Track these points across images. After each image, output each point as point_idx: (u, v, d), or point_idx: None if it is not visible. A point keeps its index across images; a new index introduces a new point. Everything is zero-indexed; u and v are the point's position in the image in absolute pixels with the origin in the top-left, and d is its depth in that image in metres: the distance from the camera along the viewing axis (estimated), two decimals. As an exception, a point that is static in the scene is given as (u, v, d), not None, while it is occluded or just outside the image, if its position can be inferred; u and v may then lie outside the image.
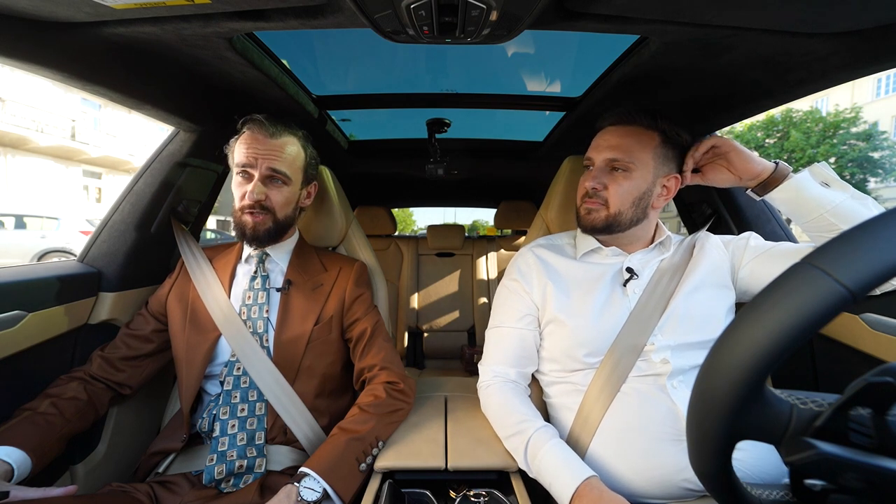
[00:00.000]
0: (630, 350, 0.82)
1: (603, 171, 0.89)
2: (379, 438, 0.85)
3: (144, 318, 1.01)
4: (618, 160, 0.87)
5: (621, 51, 0.97)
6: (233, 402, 0.90)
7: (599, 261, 0.95)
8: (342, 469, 0.78)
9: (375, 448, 0.83)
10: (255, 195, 0.91)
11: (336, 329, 1.00)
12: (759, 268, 0.88)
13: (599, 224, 0.89)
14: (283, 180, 0.95)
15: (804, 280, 0.31)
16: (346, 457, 0.80)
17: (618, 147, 0.88)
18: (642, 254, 0.93)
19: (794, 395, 0.36)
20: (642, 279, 0.90)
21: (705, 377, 0.35)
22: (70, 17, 0.67)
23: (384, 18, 0.68)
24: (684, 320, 0.84)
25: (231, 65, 0.91)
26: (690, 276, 0.88)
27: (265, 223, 0.94)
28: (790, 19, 0.67)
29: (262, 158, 0.91)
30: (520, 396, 0.89)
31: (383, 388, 0.92)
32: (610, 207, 0.88)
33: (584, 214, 0.91)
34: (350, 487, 0.78)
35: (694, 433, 0.37)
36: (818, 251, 0.32)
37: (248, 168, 0.92)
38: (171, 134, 1.14)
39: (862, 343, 0.84)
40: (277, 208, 0.95)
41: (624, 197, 0.87)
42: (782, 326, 0.31)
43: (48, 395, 0.85)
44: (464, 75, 1.31)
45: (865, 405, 0.33)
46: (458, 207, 12.54)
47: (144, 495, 0.80)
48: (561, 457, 0.74)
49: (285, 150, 0.95)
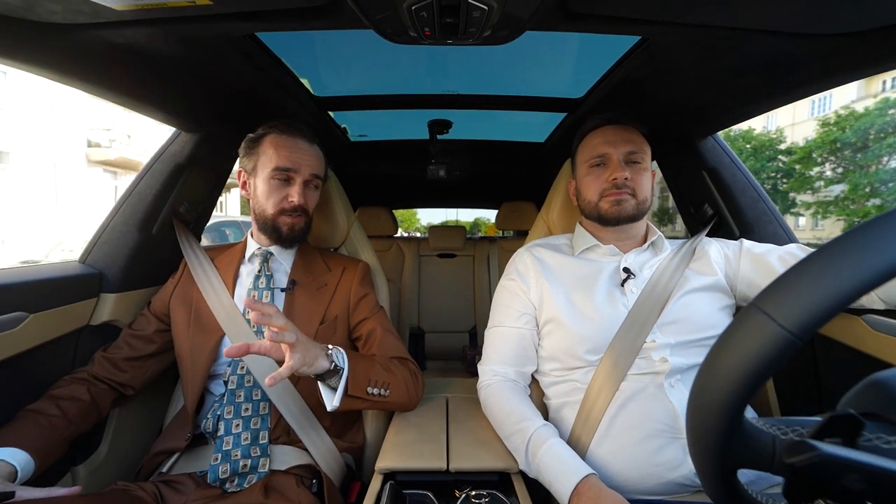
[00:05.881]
0: (629, 347, 0.82)
1: (624, 163, 0.91)
2: (389, 386, 0.88)
3: (147, 318, 1.01)
4: (636, 153, 0.92)
5: (622, 52, 0.97)
6: (237, 401, 0.90)
7: (596, 258, 0.96)
8: (360, 373, 0.83)
9: (384, 389, 0.86)
10: (301, 198, 0.95)
11: (341, 329, 1.00)
12: (754, 276, 0.89)
13: (630, 212, 0.91)
14: (316, 184, 1.01)
15: (751, 324, 0.32)
16: (365, 369, 0.84)
17: (631, 141, 0.93)
18: (636, 253, 0.94)
19: (776, 426, 0.37)
20: (641, 278, 0.90)
21: (692, 413, 0.36)
22: (72, 18, 0.67)
23: (385, 20, 0.68)
24: (683, 321, 0.84)
25: (233, 66, 0.91)
26: (690, 279, 0.89)
27: (300, 223, 0.98)
28: (791, 20, 0.67)
29: (306, 165, 0.96)
30: (519, 396, 0.89)
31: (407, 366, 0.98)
32: (638, 196, 0.91)
33: (610, 206, 0.92)
34: (356, 388, 0.81)
35: (697, 465, 0.38)
36: (764, 292, 0.32)
37: (292, 172, 0.95)
38: (173, 135, 1.15)
39: (863, 344, 0.83)
40: (311, 209, 1.00)
41: (647, 186, 0.93)
42: (737, 372, 0.32)
43: (51, 396, 0.85)
44: (465, 76, 1.31)
45: (835, 436, 0.33)
46: (460, 208, 12.64)
47: (149, 495, 0.80)
48: (560, 455, 0.74)
49: (320, 156, 1.01)
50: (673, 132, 1.25)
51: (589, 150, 0.96)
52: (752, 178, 1.21)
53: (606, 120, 0.96)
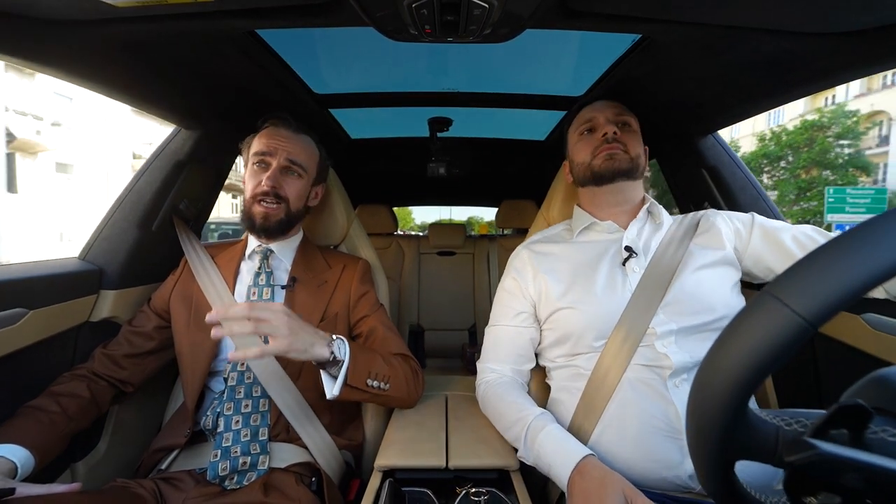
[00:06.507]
0: (634, 331, 0.81)
1: (615, 123, 0.94)
2: (390, 379, 0.88)
3: (147, 315, 1.01)
4: (624, 116, 0.96)
5: (622, 50, 0.97)
6: (237, 397, 0.90)
7: (596, 238, 0.96)
8: (362, 365, 0.82)
9: (384, 382, 0.86)
10: (272, 181, 0.93)
11: (342, 326, 1.00)
12: (763, 251, 0.87)
13: (624, 166, 0.92)
14: (298, 172, 0.98)
15: (765, 310, 0.31)
16: (367, 361, 0.84)
17: (619, 108, 0.97)
18: (637, 227, 0.93)
19: (779, 417, 0.37)
20: (643, 256, 0.89)
21: (695, 402, 0.36)
22: (72, 15, 0.67)
23: (386, 17, 0.68)
24: (689, 300, 0.82)
25: (233, 63, 0.91)
26: (695, 254, 0.86)
27: (277, 214, 0.95)
28: (791, 19, 0.67)
29: (282, 149, 0.95)
30: (518, 391, 0.89)
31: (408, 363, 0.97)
32: (630, 151, 0.92)
33: (603, 161, 0.92)
34: (356, 380, 0.81)
35: (695, 455, 0.37)
36: (778, 279, 0.32)
37: (267, 156, 0.94)
38: (173, 132, 1.14)
39: (863, 343, 0.84)
40: (292, 200, 0.97)
41: (637, 145, 0.94)
42: (748, 359, 0.31)
43: (51, 392, 0.85)
44: (465, 74, 1.31)
45: (841, 427, 0.33)
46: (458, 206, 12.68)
47: (149, 492, 0.81)
48: (559, 438, 0.74)
49: (304, 145, 1.00)
50: (672, 130, 1.25)
51: (577, 122, 1.00)
52: (751, 177, 1.21)
53: (597, 96, 1.00)
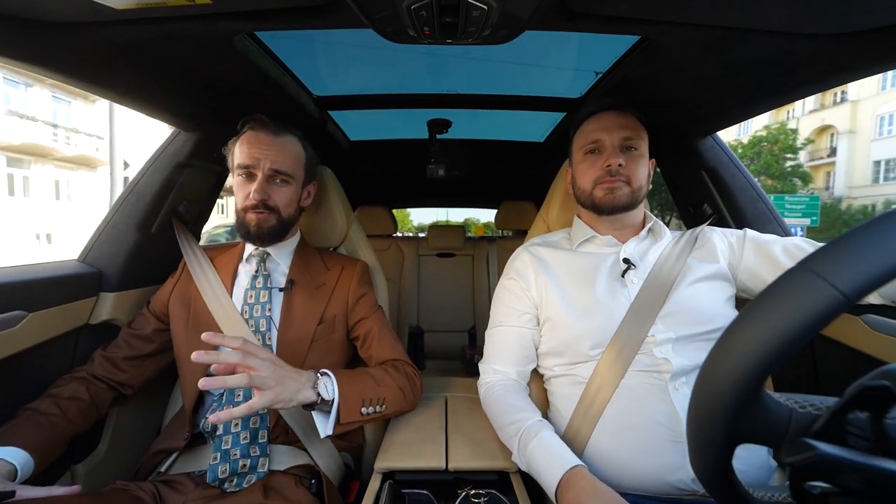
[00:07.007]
0: (631, 341, 0.81)
1: (619, 150, 0.90)
2: (385, 400, 0.87)
3: (146, 317, 1.01)
4: (631, 139, 0.90)
5: (622, 52, 0.97)
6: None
7: (595, 250, 0.95)
8: (353, 396, 0.81)
9: (379, 405, 0.85)
10: (260, 195, 0.91)
11: (340, 328, 1.00)
12: (756, 265, 0.88)
13: (624, 201, 0.89)
14: (285, 180, 0.95)
15: (799, 284, 0.31)
16: (358, 391, 0.82)
17: (627, 126, 0.90)
18: (636, 242, 0.93)
19: (792, 399, 0.36)
20: (642, 268, 0.89)
21: (704, 381, 0.35)
22: (71, 17, 0.67)
23: (385, 19, 0.68)
24: (686, 311, 0.83)
25: (232, 65, 0.91)
26: (692, 268, 0.87)
27: (269, 221, 0.94)
28: (792, 20, 0.67)
29: (265, 159, 0.92)
30: (519, 393, 0.89)
31: (403, 370, 0.96)
32: (632, 184, 0.89)
33: (604, 195, 0.90)
34: (349, 414, 0.79)
35: (694, 436, 0.37)
36: (814, 255, 0.32)
37: (251, 168, 0.92)
38: (172, 134, 1.15)
39: (863, 344, 0.83)
40: (282, 207, 0.95)
41: (642, 173, 0.90)
42: (778, 331, 0.31)
43: (51, 395, 0.85)
44: (465, 76, 1.31)
45: (863, 409, 0.33)
46: (457, 208, 12.75)
47: (148, 494, 0.80)
48: (550, 445, 0.74)
49: (287, 150, 0.96)
50: (672, 132, 1.25)
51: (584, 136, 0.95)
52: (750, 178, 1.21)
53: (603, 106, 0.94)
